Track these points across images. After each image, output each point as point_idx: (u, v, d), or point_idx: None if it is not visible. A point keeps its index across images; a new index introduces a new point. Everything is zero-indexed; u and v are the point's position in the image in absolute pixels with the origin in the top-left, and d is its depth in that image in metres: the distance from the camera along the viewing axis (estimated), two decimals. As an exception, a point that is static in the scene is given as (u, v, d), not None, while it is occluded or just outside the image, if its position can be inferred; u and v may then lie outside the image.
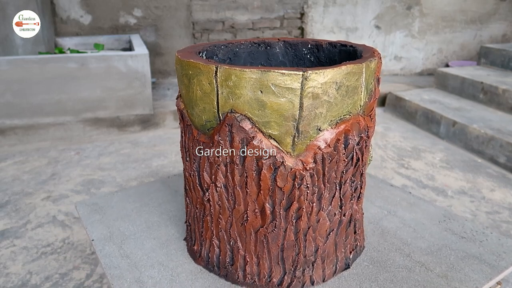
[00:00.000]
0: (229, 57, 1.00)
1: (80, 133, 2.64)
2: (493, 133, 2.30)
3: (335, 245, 0.83)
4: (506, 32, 4.19)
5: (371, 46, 0.85)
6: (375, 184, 1.23)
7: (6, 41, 2.79)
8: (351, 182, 0.80)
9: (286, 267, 0.81)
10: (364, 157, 0.81)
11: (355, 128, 0.74)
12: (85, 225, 1.06)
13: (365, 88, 0.73)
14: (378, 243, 0.95)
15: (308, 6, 3.76)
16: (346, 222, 0.83)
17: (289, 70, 0.66)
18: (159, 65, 3.64)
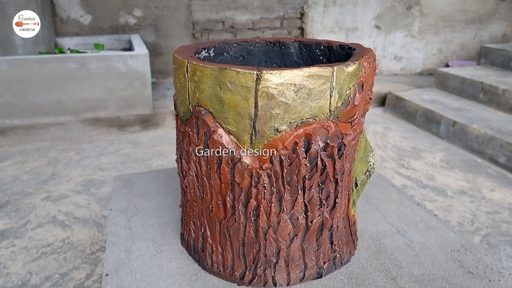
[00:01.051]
0: (242, 55, 1.01)
1: (80, 133, 2.64)
2: (493, 133, 2.30)
3: (302, 251, 0.81)
4: (506, 32, 4.19)
5: (370, 51, 0.79)
6: (400, 200, 1.15)
7: (6, 41, 2.79)
8: (318, 189, 0.76)
9: (247, 263, 0.83)
10: (339, 165, 0.76)
11: (320, 133, 0.72)
12: (112, 196, 1.22)
13: (336, 93, 0.70)
14: (368, 260, 0.89)
15: (308, 6, 3.76)
16: (315, 230, 0.80)
17: (244, 69, 0.67)
18: (159, 65, 3.64)
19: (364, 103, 0.80)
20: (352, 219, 0.92)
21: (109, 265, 0.90)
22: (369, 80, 0.78)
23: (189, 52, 0.88)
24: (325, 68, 0.68)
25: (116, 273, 0.88)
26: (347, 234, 0.89)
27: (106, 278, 0.87)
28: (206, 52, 0.97)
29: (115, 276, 0.87)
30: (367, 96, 0.79)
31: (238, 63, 1.04)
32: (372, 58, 0.78)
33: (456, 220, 1.72)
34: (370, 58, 0.77)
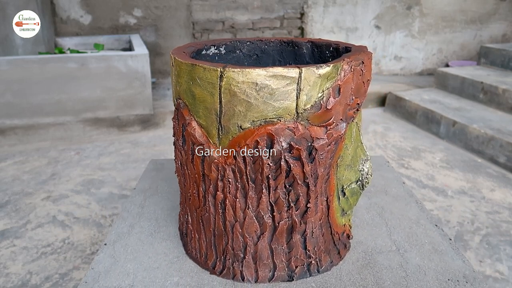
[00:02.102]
0: (256, 53, 1.02)
1: (80, 133, 2.64)
2: (493, 133, 2.30)
3: (271, 251, 0.81)
4: (506, 32, 4.19)
5: (361, 54, 0.78)
6: (416, 218, 1.06)
7: (6, 41, 2.79)
8: (285, 191, 0.76)
9: (217, 253, 0.86)
10: (309, 170, 0.74)
11: (283, 134, 0.71)
12: (141, 177, 1.28)
13: (304, 95, 0.69)
14: (349, 273, 0.85)
15: (308, 6, 3.76)
16: (284, 232, 0.79)
17: (210, 65, 0.70)
18: (159, 65, 3.64)
19: (348, 108, 0.76)
20: (340, 228, 0.88)
21: (110, 236, 0.99)
22: (350, 84, 0.74)
23: (191, 49, 0.89)
24: (290, 69, 0.67)
25: (113, 244, 0.97)
26: (327, 242, 0.85)
27: (104, 247, 0.96)
28: (216, 49, 0.98)
29: (111, 247, 0.96)
30: (349, 101, 0.75)
31: (252, 61, 1.05)
32: (358, 62, 0.74)
33: (456, 220, 1.72)
34: (355, 61, 0.73)
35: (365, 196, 1.15)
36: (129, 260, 0.91)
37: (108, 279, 0.86)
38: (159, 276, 0.86)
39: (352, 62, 0.73)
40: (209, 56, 1.00)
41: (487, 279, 1.38)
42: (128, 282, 0.84)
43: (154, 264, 0.89)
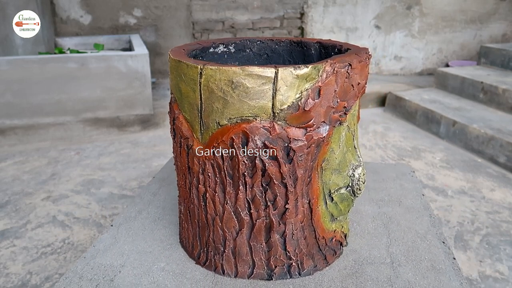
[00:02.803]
0: (266, 53, 1.03)
1: (80, 133, 2.64)
2: (493, 133, 2.30)
3: (250, 248, 0.82)
4: (506, 32, 4.19)
5: (358, 57, 0.77)
6: (424, 233, 1.00)
7: (6, 41, 2.79)
8: (262, 190, 0.76)
9: (202, 245, 0.88)
10: (287, 171, 0.74)
11: (258, 133, 0.71)
12: (162, 167, 1.35)
13: (281, 95, 0.69)
14: (331, 280, 0.83)
15: (308, 6, 3.76)
16: (262, 230, 0.79)
17: (192, 63, 0.73)
18: (159, 65, 3.64)
19: (333, 111, 0.74)
20: (328, 234, 0.86)
21: (118, 219, 1.06)
22: (333, 86, 0.72)
23: (195, 46, 0.92)
24: (266, 69, 0.68)
25: (118, 226, 1.04)
26: (310, 245, 0.84)
27: (110, 228, 1.03)
28: (225, 47, 0.99)
29: (115, 228, 1.03)
30: (333, 104, 0.73)
31: (262, 61, 1.05)
32: (343, 64, 0.72)
33: (456, 220, 1.72)
34: (339, 64, 0.72)
35: (375, 205, 1.12)
36: (127, 242, 0.97)
37: (104, 257, 0.93)
38: (149, 260, 0.90)
39: (336, 64, 0.71)
40: (217, 54, 1.00)
41: (487, 279, 1.38)
42: (120, 262, 0.90)
43: (148, 249, 0.94)
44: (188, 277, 0.84)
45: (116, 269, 0.88)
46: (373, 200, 1.16)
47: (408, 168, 1.36)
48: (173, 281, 0.83)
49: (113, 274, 0.86)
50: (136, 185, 1.99)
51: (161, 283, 0.82)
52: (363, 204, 1.13)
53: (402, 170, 1.35)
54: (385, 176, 1.31)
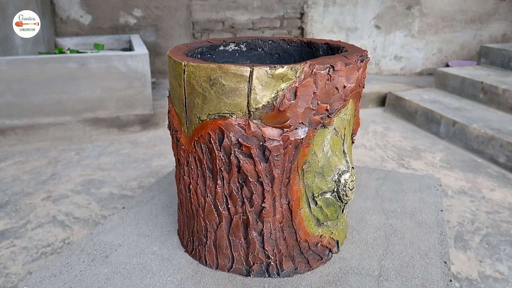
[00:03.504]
0: (278, 52, 1.04)
1: (80, 133, 2.64)
2: (493, 133, 2.30)
3: (229, 242, 0.83)
4: (506, 32, 4.19)
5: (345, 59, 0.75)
6: (426, 251, 0.94)
7: (6, 41, 2.79)
8: (238, 186, 0.76)
9: (189, 234, 0.90)
10: (262, 169, 0.74)
11: (233, 130, 0.72)
12: None
13: (256, 95, 0.70)
14: (309, 284, 0.82)
15: (308, 6, 3.76)
16: (239, 226, 0.80)
17: (178, 59, 0.76)
18: (159, 65, 3.64)
19: (313, 113, 0.73)
20: (312, 238, 0.84)
21: (131, 203, 1.14)
22: (311, 88, 0.71)
23: (202, 44, 0.96)
24: (242, 67, 0.69)
25: (128, 209, 1.11)
26: (290, 247, 0.83)
27: (121, 210, 1.10)
28: (235, 46, 1.01)
29: (126, 211, 1.10)
30: (312, 106, 0.72)
31: (274, 60, 1.06)
32: (323, 66, 0.70)
33: (456, 220, 1.72)
34: (318, 65, 0.70)
35: (384, 215, 1.07)
36: (131, 224, 1.04)
37: (107, 235, 0.99)
38: (144, 243, 0.96)
39: (315, 65, 0.70)
40: (228, 53, 1.01)
41: (487, 279, 1.38)
42: (119, 242, 0.96)
43: (147, 233, 1.00)
44: (174, 263, 0.89)
45: (113, 248, 0.95)
46: (384, 211, 1.10)
47: (436, 181, 1.27)
48: (159, 265, 0.88)
49: (109, 252, 0.93)
50: (136, 185, 1.99)
51: (148, 265, 0.88)
52: (371, 214, 1.08)
53: (428, 182, 1.26)
54: (407, 187, 1.23)
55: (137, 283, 0.82)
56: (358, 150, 2.45)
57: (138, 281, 0.83)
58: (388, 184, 1.26)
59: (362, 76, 0.80)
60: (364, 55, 0.80)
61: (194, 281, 0.82)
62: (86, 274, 0.85)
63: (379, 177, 1.31)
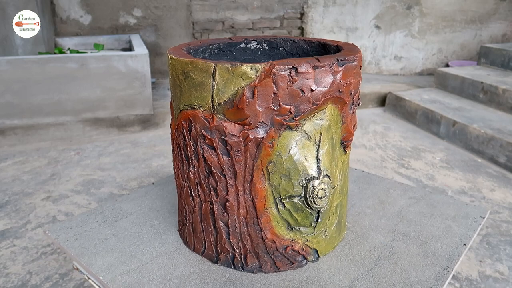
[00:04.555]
0: (298, 53, 1.05)
1: (80, 133, 2.64)
2: (493, 133, 2.30)
3: (202, 228, 0.86)
4: (506, 32, 4.19)
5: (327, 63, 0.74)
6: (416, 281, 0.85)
7: (6, 41, 2.79)
8: (206, 175, 0.80)
9: (179, 213, 0.96)
10: (224, 163, 0.76)
11: (199, 122, 0.77)
12: None
13: (218, 90, 0.72)
14: (266, 284, 0.82)
15: (308, 6, 3.76)
16: (207, 214, 0.84)
17: (169, 52, 0.81)
18: (159, 65, 3.64)
19: (275, 114, 0.73)
20: (281, 240, 0.83)
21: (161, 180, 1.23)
22: (270, 88, 0.70)
23: (223, 41, 0.99)
24: (207, 63, 0.72)
25: (156, 186, 1.20)
26: (255, 244, 0.83)
27: (151, 185, 1.21)
28: (257, 44, 1.03)
29: (154, 187, 1.20)
30: (273, 106, 0.72)
31: None
32: (284, 67, 0.70)
33: (456, 220, 1.72)
34: (279, 66, 0.70)
35: (390, 236, 0.98)
36: (151, 198, 1.13)
37: (126, 204, 1.11)
38: (150, 216, 1.05)
39: (275, 66, 0.70)
40: (249, 50, 1.04)
41: (487, 279, 1.38)
42: (132, 211, 1.08)
43: (158, 208, 1.09)
44: (163, 238, 0.97)
45: (124, 215, 1.06)
46: (394, 232, 0.99)
47: (479, 212, 1.09)
48: (150, 237, 0.97)
49: (119, 218, 1.05)
50: (136, 185, 1.99)
51: (142, 235, 0.98)
52: (377, 232, 0.99)
53: (468, 211, 1.09)
54: (438, 212, 1.08)
55: (124, 247, 0.93)
56: (358, 150, 2.45)
57: (126, 245, 0.94)
58: (419, 206, 1.12)
59: (342, 81, 0.76)
60: (349, 60, 0.76)
61: (169, 257, 0.89)
62: (92, 232, 1.00)
63: (413, 197, 1.17)
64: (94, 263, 0.88)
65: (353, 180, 1.24)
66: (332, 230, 0.89)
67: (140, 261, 0.88)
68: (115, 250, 0.92)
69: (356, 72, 0.80)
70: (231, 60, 1.03)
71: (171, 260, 0.88)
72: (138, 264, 0.87)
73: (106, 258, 0.90)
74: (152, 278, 0.83)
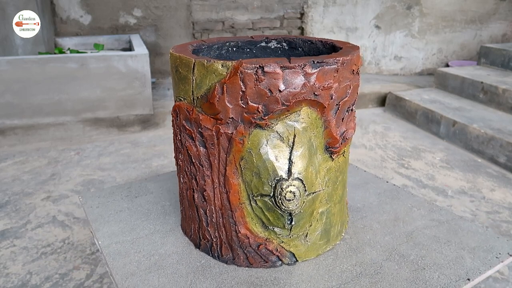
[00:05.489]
0: (315, 53, 1.06)
1: (80, 133, 2.64)
2: (493, 133, 2.30)
3: (191, 214, 0.90)
4: (506, 32, 4.19)
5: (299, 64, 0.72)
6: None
7: (6, 41, 2.79)
8: (188, 162, 0.84)
9: None
10: (199, 153, 0.80)
11: (182, 113, 0.82)
12: None
13: (197, 85, 0.77)
14: (233, 277, 0.82)
15: (308, 6, 3.76)
16: (192, 200, 0.87)
17: (173, 50, 0.84)
18: (159, 65, 3.64)
19: (245, 111, 0.73)
20: (255, 237, 0.82)
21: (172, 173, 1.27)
22: (238, 86, 0.71)
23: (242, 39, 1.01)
24: (188, 58, 0.77)
25: (171, 178, 1.22)
26: (229, 237, 0.84)
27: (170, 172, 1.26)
28: (277, 44, 1.05)
29: (172, 174, 1.24)
30: (242, 104, 0.72)
31: None
32: (250, 66, 0.70)
33: (456, 220, 1.72)
34: (246, 64, 0.70)
35: (385, 255, 0.89)
36: (167, 184, 1.19)
37: (152, 184, 1.19)
38: (165, 197, 1.12)
39: (242, 64, 0.70)
40: (270, 49, 1.06)
41: (487, 279, 1.38)
42: (153, 190, 1.15)
43: (175, 191, 1.15)
44: (166, 218, 1.03)
45: (145, 193, 1.14)
46: (392, 251, 0.91)
47: (509, 248, 0.92)
48: (156, 215, 1.04)
49: (140, 195, 1.13)
50: (136, 185, 1.99)
51: (150, 212, 1.05)
52: (375, 249, 0.91)
53: (495, 245, 0.93)
54: (457, 240, 0.95)
55: (131, 220, 1.02)
56: (358, 150, 2.45)
57: (133, 219, 1.02)
58: (437, 230, 0.99)
59: (318, 84, 0.73)
60: (328, 62, 0.73)
61: (161, 236, 0.95)
62: (112, 203, 1.09)
63: (436, 219, 1.03)
64: (101, 229, 0.98)
65: (378, 193, 1.15)
66: (316, 237, 0.86)
67: (138, 234, 0.96)
68: (122, 222, 1.01)
69: (340, 76, 0.75)
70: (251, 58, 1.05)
71: (162, 238, 0.95)
72: (134, 237, 0.95)
73: (112, 227, 0.99)
74: (138, 251, 0.90)
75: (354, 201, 1.10)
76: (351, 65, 0.78)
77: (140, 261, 0.87)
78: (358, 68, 0.82)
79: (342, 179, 0.89)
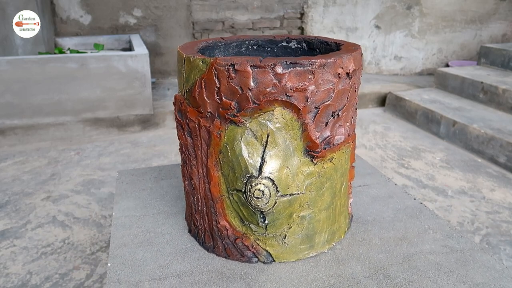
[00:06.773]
0: None
1: (80, 133, 2.64)
2: (493, 133, 2.30)
3: (186, 198, 0.95)
4: (506, 32, 4.19)
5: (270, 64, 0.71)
6: None
7: (6, 41, 2.79)
8: (184, 149, 0.88)
9: None
10: (187, 142, 0.85)
11: (177, 104, 0.87)
12: None
13: (185, 79, 0.82)
14: (207, 264, 0.85)
15: (308, 6, 3.76)
16: (187, 186, 0.91)
17: (179, 48, 0.87)
18: (159, 65, 3.64)
19: (220, 107, 0.75)
20: (234, 231, 0.83)
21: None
22: (213, 82, 0.73)
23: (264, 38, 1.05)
24: (182, 54, 0.81)
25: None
26: (211, 226, 0.86)
27: None
28: (297, 44, 1.07)
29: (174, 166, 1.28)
30: (218, 99, 0.74)
31: None
32: (223, 63, 0.71)
33: (456, 220, 1.72)
34: (220, 61, 0.72)
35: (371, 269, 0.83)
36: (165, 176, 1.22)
37: (173, 168, 1.25)
38: (180, 182, 1.14)
39: (217, 61, 0.72)
40: (290, 49, 1.08)
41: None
42: (171, 175, 1.21)
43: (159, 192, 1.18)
44: (177, 201, 1.07)
45: (170, 177, 1.20)
46: (378, 270, 0.85)
47: None
48: (170, 197, 1.09)
49: (165, 178, 1.20)
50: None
51: (166, 194, 1.10)
52: (361, 264, 0.85)
53: (502, 285, 0.79)
54: (463, 272, 0.82)
55: (147, 199, 1.09)
56: (358, 150, 2.45)
57: (149, 199, 1.09)
58: (444, 257, 0.87)
59: (291, 85, 0.72)
60: (302, 64, 0.72)
61: (165, 216, 1.01)
62: (139, 182, 1.17)
63: (449, 246, 0.91)
64: (119, 203, 1.06)
65: (397, 208, 1.05)
66: (296, 240, 0.85)
67: (146, 213, 1.02)
68: (140, 199, 1.08)
69: (318, 78, 0.73)
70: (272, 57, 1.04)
71: (165, 219, 0.99)
72: (142, 214, 1.01)
73: (129, 202, 1.07)
74: (139, 226, 0.96)
75: (366, 213, 1.02)
76: (335, 68, 0.74)
77: (136, 235, 0.93)
78: (350, 72, 0.76)
79: (330, 185, 0.84)
